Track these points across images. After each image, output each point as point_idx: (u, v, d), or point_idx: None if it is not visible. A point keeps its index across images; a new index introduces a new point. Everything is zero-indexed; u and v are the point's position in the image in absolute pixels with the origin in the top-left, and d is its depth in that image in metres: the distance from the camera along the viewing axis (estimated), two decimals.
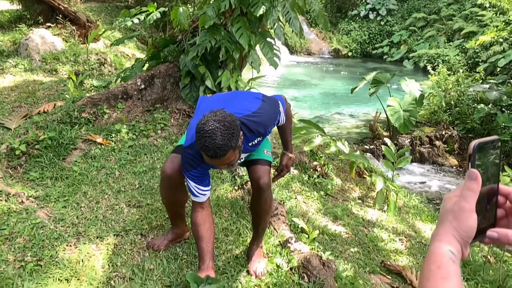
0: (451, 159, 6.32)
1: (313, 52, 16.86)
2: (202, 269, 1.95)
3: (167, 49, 4.45)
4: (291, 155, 2.36)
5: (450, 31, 14.46)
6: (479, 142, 0.66)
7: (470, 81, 7.85)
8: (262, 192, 2.11)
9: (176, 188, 2.16)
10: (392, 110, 5.70)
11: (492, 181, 0.69)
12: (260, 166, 2.12)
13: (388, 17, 17.10)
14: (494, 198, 0.70)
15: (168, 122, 4.06)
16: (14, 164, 3.12)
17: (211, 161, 1.77)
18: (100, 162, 3.29)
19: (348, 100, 9.40)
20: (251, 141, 2.01)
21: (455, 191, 0.69)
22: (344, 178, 4.30)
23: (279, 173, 2.38)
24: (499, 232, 0.67)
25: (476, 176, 0.65)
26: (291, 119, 2.29)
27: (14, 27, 6.37)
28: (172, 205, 2.27)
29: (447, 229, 0.65)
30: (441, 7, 15.70)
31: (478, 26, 13.34)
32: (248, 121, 1.93)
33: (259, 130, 1.98)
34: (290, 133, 2.33)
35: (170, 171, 2.09)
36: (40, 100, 4.43)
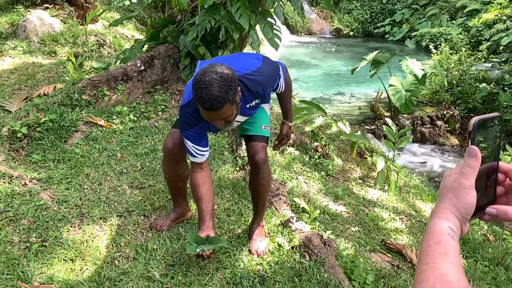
0: (452, 139, 6.31)
1: (314, 31, 16.65)
2: (202, 229, 1.94)
3: (167, 30, 4.40)
4: (291, 124, 2.36)
5: (453, 9, 14.24)
6: (479, 118, 0.66)
7: (473, 60, 7.78)
8: (259, 168, 2.14)
9: (178, 162, 2.19)
10: (394, 89, 5.67)
11: (492, 158, 0.69)
12: (257, 142, 2.15)
13: None
14: (494, 176, 0.70)
15: (169, 104, 4.05)
16: (16, 146, 3.13)
17: (208, 115, 1.75)
18: (101, 144, 3.30)
19: (349, 80, 9.34)
20: (249, 102, 1.99)
21: (455, 168, 0.69)
22: (345, 158, 4.31)
23: (280, 142, 2.38)
24: (498, 209, 0.68)
25: (475, 153, 0.65)
26: (291, 88, 2.29)
27: (12, 9, 6.30)
28: (174, 180, 2.28)
29: (446, 206, 0.66)
30: None
31: (481, 3, 13.12)
32: (247, 80, 1.92)
33: (258, 90, 1.96)
34: (290, 102, 2.33)
35: (171, 145, 2.12)
36: (40, 82, 4.42)
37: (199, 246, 1.84)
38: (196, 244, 1.85)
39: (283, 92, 2.23)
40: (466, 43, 11.84)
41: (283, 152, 3.77)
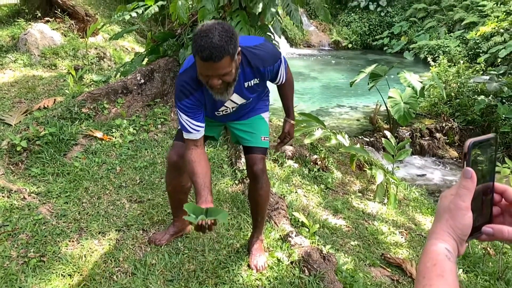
0: (451, 151, 6.32)
1: (313, 44, 16.77)
2: (200, 203, 1.80)
3: (167, 43, 4.44)
4: (293, 122, 2.31)
5: (450, 21, 14.37)
6: (474, 140, 0.67)
7: (471, 73, 7.83)
8: (258, 179, 2.14)
9: (182, 173, 2.18)
10: (392, 102, 5.69)
11: (488, 178, 0.70)
12: (255, 155, 2.15)
13: (388, 8, 16.97)
14: (489, 196, 0.71)
15: (168, 117, 4.06)
16: (16, 160, 3.13)
17: (205, 68, 1.66)
18: (101, 157, 3.30)
19: (348, 92, 9.38)
20: (248, 80, 1.93)
21: (451, 189, 0.70)
22: (344, 171, 4.31)
23: (282, 141, 2.33)
24: (494, 228, 0.69)
25: (471, 175, 0.66)
26: (292, 84, 2.26)
27: (13, 22, 6.35)
28: (176, 191, 2.27)
29: (443, 227, 0.67)
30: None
31: (479, 16, 13.25)
32: (247, 52, 1.88)
33: (258, 66, 1.90)
34: (292, 98, 2.30)
35: (176, 157, 2.11)
36: (40, 95, 4.44)
37: (198, 216, 1.66)
38: (194, 215, 1.67)
39: (284, 87, 2.21)
40: (464, 56, 11.92)
41: (282, 165, 3.78)
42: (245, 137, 2.17)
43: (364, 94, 9.04)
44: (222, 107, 2.01)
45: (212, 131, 2.20)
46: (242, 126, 2.17)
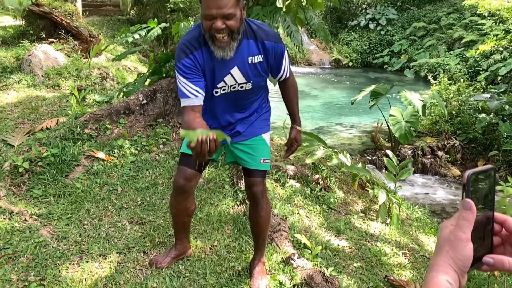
0: (453, 170, 6.30)
1: (314, 62, 16.92)
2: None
3: (169, 64, 4.48)
4: (299, 128, 2.24)
5: (450, 40, 14.51)
6: (473, 172, 0.68)
7: (471, 90, 7.86)
8: (257, 200, 2.14)
9: (187, 196, 2.16)
10: (394, 120, 5.70)
11: (488, 208, 0.71)
12: (255, 178, 2.14)
13: (388, 26, 17.18)
14: (490, 226, 0.71)
15: (170, 137, 4.08)
16: (17, 181, 3.13)
17: (210, 3, 1.67)
18: (102, 178, 3.30)
19: (349, 110, 9.42)
20: (252, 55, 1.90)
21: (451, 219, 0.70)
22: (346, 190, 4.30)
23: (289, 148, 2.24)
24: (495, 258, 0.69)
25: (470, 206, 0.66)
26: (296, 87, 2.23)
27: (17, 43, 6.44)
28: (180, 214, 2.26)
29: (444, 259, 0.67)
30: (440, 16, 15.77)
31: (478, 35, 13.38)
32: (252, 24, 1.91)
33: (262, 38, 1.89)
34: (297, 104, 2.23)
35: (182, 181, 2.10)
36: (43, 116, 4.47)
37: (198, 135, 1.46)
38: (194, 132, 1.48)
39: (289, 90, 2.18)
40: (464, 73, 12.00)
41: (284, 185, 3.77)
42: (244, 158, 2.14)
43: (365, 112, 9.08)
44: (221, 82, 1.92)
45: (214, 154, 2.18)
46: (242, 147, 2.13)
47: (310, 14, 4.33)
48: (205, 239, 2.68)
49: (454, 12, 15.66)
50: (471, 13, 14.36)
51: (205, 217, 2.91)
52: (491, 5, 8.70)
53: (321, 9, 4.51)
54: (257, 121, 2.16)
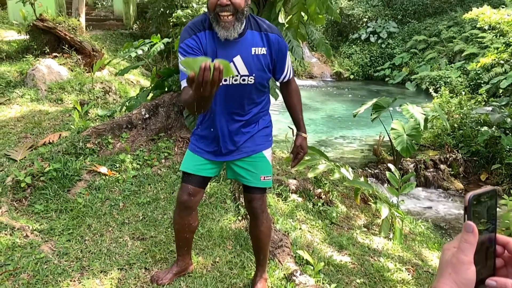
0: (456, 183, 6.27)
1: (315, 75, 16.99)
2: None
3: (171, 79, 4.51)
4: (304, 135, 2.21)
5: (451, 53, 14.57)
6: (474, 194, 0.68)
7: (473, 103, 7.87)
8: (257, 215, 2.14)
9: (190, 212, 2.16)
10: (395, 133, 5.70)
11: (490, 230, 0.71)
12: (255, 195, 2.13)
13: (389, 40, 17.28)
14: (492, 248, 0.71)
15: (172, 151, 4.08)
16: (19, 196, 3.13)
17: None
18: (104, 193, 3.30)
19: (351, 123, 9.43)
20: (256, 46, 1.91)
21: (453, 241, 0.70)
22: (349, 204, 4.28)
23: (295, 156, 2.19)
24: (498, 281, 0.68)
25: (472, 229, 0.66)
26: (300, 94, 2.22)
27: (21, 58, 6.50)
28: (183, 230, 2.24)
29: (447, 282, 0.67)
30: (441, 30, 15.87)
31: (478, 48, 13.44)
32: (256, 18, 1.94)
33: (266, 29, 1.93)
34: (301, 111, 2.22)
35: (186, 196, 2.10)
36: (46, 130, 4.48)
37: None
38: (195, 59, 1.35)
39: (292, 97, 2.17)
40: (465, 86, 12.02)
41: (286, 199, 3.76)
42: (244, 175, 2.12)
43: (367, 125, 9.08)
44: None
45: (212, 171, 2.14)
46: (242, 163, 2.10)
47: (311, 29, 4.36)
48: (206, 255, 2.67)
49: (454, 25, 15.77)
50: (472, 27, 14.45)
51: (207, 232, 2.90)
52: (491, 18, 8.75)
53: (322, 24, 4.55)
54: (258, 136, 2.10)
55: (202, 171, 2.09)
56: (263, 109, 2.12)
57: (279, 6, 4.09)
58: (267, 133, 2.16)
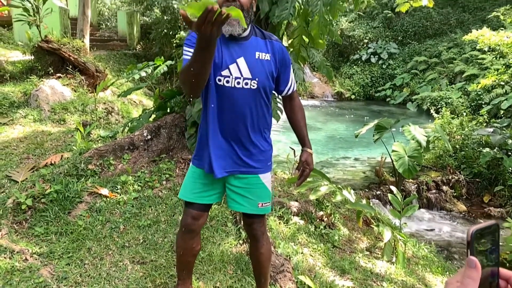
0: (459, 205, 6.23)
1: (317, 95, 17.11)
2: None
3: (174, 100, 4.54)
4: (310, 150, 2.15)
5: (451, 73, 14.68)
6: (476, 228, 0.68)
7: (474, 124, 7.89)
8: (257, 237, 2.13)
9: (193, 236, 2.13)
10: (396, 155, 5.70)
11: (493, 264, 0.71)
12: (253, 219, 2.11)
13: (389, 60, 17.45)
14: (495, 282, 0.71)
15: (173, 173, 4.08)
16: (20, 219, 3.11)
17: None
18: (105, 215, 3.28)
19: (352, 144, 9.44)
20: (259, 50, 1.93)
21: (456, 275, 0.70)
22: (351, 227, 4.24)
23: (301, 174, 2.12)
24: None
25: (475, 264, 0.66)
26: (303, 110, 2.21)
27: (26, 78, 6.56)
28: (185, 254, 2.21)
29: None
30: (441, 51, 16.03)
31: (479, 69, 13.55)
32: (261, 28, 1.99)
33: (271, 37, 1.98)
34: (305, 126, 2.20)
35: (189, 219, 2.07)
36: (48, 151, 4.49)
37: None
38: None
39: (296, 112, 2.17)
40: (466, 107, 12.07)
41: (288, 222, 3.73)
42: (241, 202, 2.06)
43: (368, 146, 9.09)
44: (226, 70, 1.88)
45: (212, 198, 2.10)
46: (238, 190, 2.05)
47: (313, 52, 4.41)
48: (207, 280, 2.64)
49: (454, 46, 15.94)
50: (471, 48, 14.60)
51: (207, 256, 2.87)
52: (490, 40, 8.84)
53: (323, 48, 4.60)
54: (256, 158, 2.04)
55: (202, 198, 2.06)
56: (266, 128, 2.07)
57: (282, 30, 4.15)
58: (266, 157, 2.09)
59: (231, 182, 2.06)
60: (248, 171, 2.04)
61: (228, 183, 2.07)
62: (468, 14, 17.51)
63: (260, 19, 4.03)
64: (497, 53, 12.45)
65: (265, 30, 4.23)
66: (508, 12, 11.73)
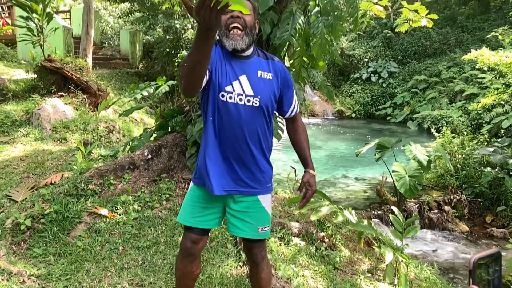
0: (461, 225, 6.18)
1: (317, 113, 17.18)
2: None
3: (175, 120, 4.56)
4: (313, 172, 2.11)
5: (451, 92, 14.76)
6: (478, 257, 0.68)
7: (475, 143, 7.88)
8: (258, 262, 2.11)
9: (193, 260, 2.10)
10: (397, 175, 5.68)
11: None
12: (253, 243, 2.09)
13: (390, 79, 17.57)
14: None
15: (174, 192, 4.06)
16: (18, 239, 3.09)
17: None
18: (104, 236, 3.26)
19: (353, 162, 9.42)
20: (262, 69, 1.97)
21: None
22: (352, 248, 4.20)
23: (304, 196, 2.07)
24: None
25: None
26: (306, 130, 2.22)
27: (28, 97, 6.61)
28: (185, 277, 2.17)
29: None
30: (441, 70, 16.15)
31: (479, 88, 13.62)
32: (263, 50, 2.05)
33: (273, 58, 2.03)
34: (308, 147, 2.17)
35: (189, 243, 2.05)
36: (48, 170, 4.49)
37: None
38: None
39: (298, 132, 2.17)
40: (467, 126, 12.09)
41: (289, 243, 3.69)
42: (241, 227, 2.04)
43: (369, 165, 9.07)
44: (229, 86, 1.90)
45: (211, 222, 2.07)
46: (238, 214, 2.03)
47: (313, 72, 4.44)
48: None
49: (454, 66, 16.06)
50: (471, 67, 14.71)
51: (207, 279, 2.83)
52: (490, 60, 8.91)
53: (323, 70, 4.63)
54: (256, 178, 2.02)
55: (201, 223, 2.04)
56: (266, 147, 2.05)
57: (283, 51, 4.19)
58: (265, 178, 2.06)
59: (231, 206, 2.05)
60: (247, 191, 2.02)
61: (228, 207, 2.06)
62: (467, 34, 17.71)
63: (262, 40, 4.08)
64: (496, 73, 12.53)
65: (267, 51, 4.28)
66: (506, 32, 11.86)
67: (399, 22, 7.49)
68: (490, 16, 17.93)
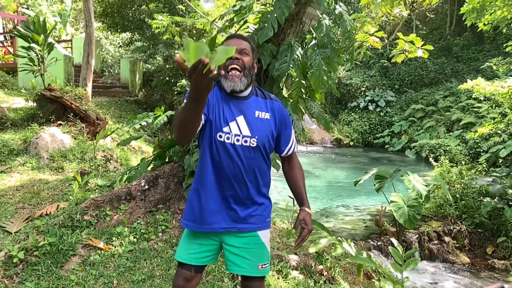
0: (462, 257, 6.08)
1: (315, 141, 17.23)
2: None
3: (173, 150, 4.56)
4: (308, 210, 2.07)
5: (449, 121, 14.87)
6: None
7: (473, 173, 7.87)
8: None
9: None
10: (395, 206, 5.64)
11: None
12: (253, 283, 2.03)
13: (387, 108, 17.73)
14: None
15: (170, 224, 4.01)
16: (11, 273, 3.03)
17: (231, 41, 1.95)
18: (98, 269, 3.19)
19: (352, 192, 9.38)
20: (260, 110, 1.98)
21: None
22: (352, 281, 4.12)
23: (300, 235, 2.02)
24: None
25: None
26: (302, 168, 2.19)
27: (27, 126, 6.62)
28: None
29: None
30: (438, 99, 16.33)
31: (475, 117, 13.74)
32: (261, 89, 2.08)
33: (271, 97, 2.06)
34: (304, 185, 2.15)
35: (182, 282, 2.00)
36: (44, 200, 4.45)
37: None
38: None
39: (294, 169, 2.14)
40: (465, 155, 12.12)
41: (287, 277, 3.62)
42: (240, 264, 2.00)
43: (368, 194, 9.03)
44: (227, 126, 1.91)
45: (207, 259, 2.04)
46: (237, 250, 2.00)
47: (310, 103, 4.48)
48: None
49: (450, 95, 16.25)
50: (467, 97, 14.88)
51: None
52: (485, 90, 9.02)
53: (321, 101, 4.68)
54: (255, 214, 2.00)
55: (196, 260, 2.00)
56: (264, 184, 2.05)
57: (282, 82, 4.24)
58: (263, 214, 2.05)
59: (229, 242, 2.01)
60: (246, 227, 1.99)
61: (226, 243, 2.02)
62: (462, 64, 18.00)
63: (260, 72, 4.14)
64: (492, 102, 12.66)
65: (265, 82, 4.33)
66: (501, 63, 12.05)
67: (395, 52, 7.62)
68: (485, 47, 18.27)
